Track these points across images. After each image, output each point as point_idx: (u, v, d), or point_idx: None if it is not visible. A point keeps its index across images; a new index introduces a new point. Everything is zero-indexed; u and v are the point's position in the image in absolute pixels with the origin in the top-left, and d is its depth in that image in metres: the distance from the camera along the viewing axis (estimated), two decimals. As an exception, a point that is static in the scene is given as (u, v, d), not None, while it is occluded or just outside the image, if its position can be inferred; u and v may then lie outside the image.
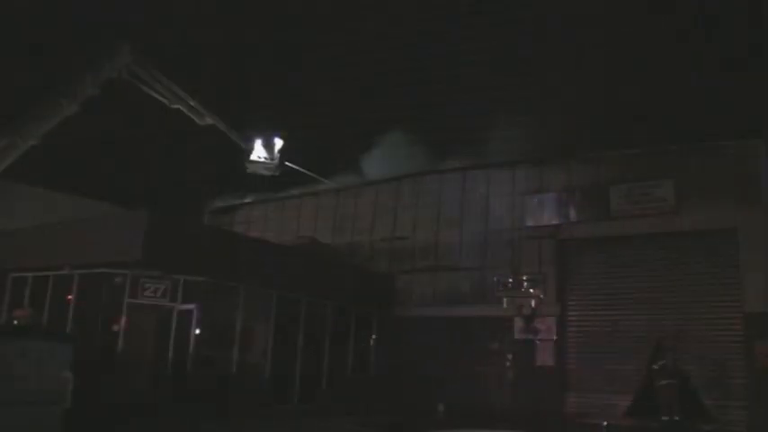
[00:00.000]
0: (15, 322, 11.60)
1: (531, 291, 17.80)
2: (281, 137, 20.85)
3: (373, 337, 19.94)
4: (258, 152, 20.59)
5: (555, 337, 17.67)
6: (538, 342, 17.78)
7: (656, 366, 14.99)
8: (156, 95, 18.58)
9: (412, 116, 28.50)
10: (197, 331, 14.57)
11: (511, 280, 18.17)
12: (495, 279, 18.51)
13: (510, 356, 18.09)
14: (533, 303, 17.76)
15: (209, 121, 19.42)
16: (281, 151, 20.95)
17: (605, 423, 15.57)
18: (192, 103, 19.07)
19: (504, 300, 18.08)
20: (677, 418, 14.30)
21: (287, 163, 21.46)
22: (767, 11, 16.15)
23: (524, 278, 18.02)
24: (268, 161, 20.68)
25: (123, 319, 13.93)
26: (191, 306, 14.65)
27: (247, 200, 26.44)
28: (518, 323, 18.06)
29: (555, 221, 18.64)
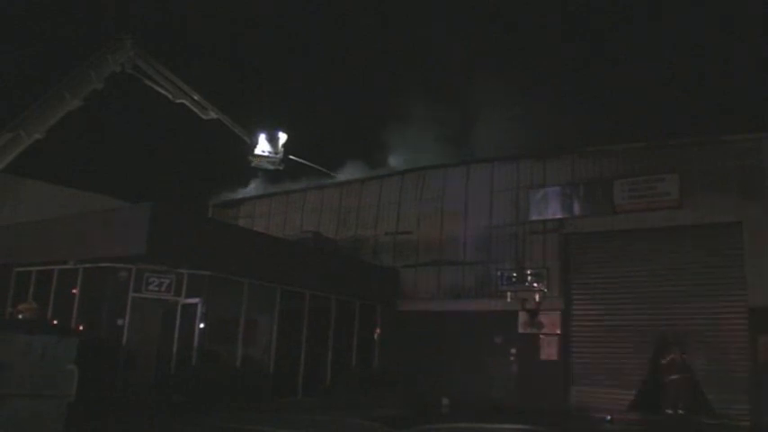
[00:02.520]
0: (20, 316, 11.62)
1: (535, 285, 17.84)
2: (284, 131, 20.91)
3: (377, 331, 19.96)
4: (262, 146, 20.66)
5: (559, 332, 17.64)
6: (542, 336, 17.77)
7: (664, 361, 15.00)
8: (159, 89, 18.62)
9: (415, 111, 28.53)
10: (201, 325, 14.61)
11: (515, 274, 18.23)
12: (498, 273, 18.55)
13: (514, 351, 18.14)
14: (537, 297, 17.81)
15: (213, 115, 19.47)
16: (284, 145, 21.00)
17: (608, 417, 15.61)
18: (195, 98, 19.12)
19: (508, 294, 18.15)
20: (681, 412, 14.33)
21: (291, 157, 21.51)
22: None
23: (528, 272, 18.06)
24: (272, 155, 20.76)
25: (127, 314, 13.99)
26: (195, 300, 14.67)
27: (251, 194, 26.48)
28: (522, 317, 18.08)
29: (559, 215, 18.58)
